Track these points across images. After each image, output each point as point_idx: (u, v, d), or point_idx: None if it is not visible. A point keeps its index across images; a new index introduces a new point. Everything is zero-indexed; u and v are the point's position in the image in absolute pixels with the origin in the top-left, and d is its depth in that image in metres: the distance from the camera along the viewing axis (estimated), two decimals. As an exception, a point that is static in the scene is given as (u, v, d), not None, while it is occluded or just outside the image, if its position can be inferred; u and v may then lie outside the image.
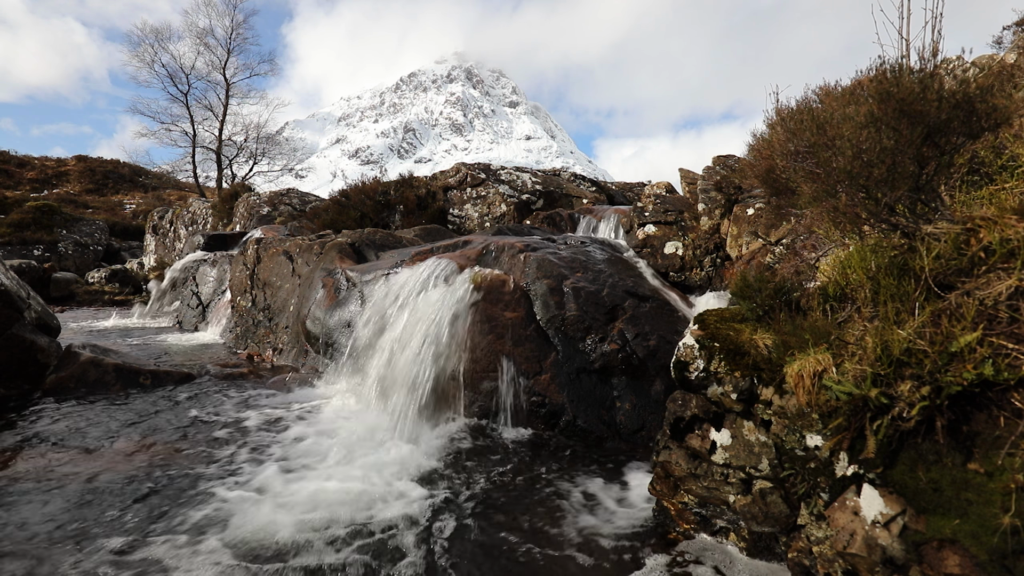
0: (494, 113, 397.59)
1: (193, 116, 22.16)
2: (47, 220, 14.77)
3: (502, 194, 8.46)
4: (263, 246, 6.91)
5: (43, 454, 3.01)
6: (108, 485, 2.67)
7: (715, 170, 5.32)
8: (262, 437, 3.37)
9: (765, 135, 2.87)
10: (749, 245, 4.38)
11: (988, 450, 1.38)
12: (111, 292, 11.36)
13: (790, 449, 1.92)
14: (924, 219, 1.86)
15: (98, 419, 3.60)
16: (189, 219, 13.35)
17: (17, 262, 10.49)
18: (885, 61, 1.91)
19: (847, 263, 2.04)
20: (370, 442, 3.29)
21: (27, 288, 4.48)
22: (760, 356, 2.07)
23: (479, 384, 3.69)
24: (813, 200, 2.12)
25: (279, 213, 10.96)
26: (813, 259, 2.75)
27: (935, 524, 1.42)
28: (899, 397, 1.52)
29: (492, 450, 3.24)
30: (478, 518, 2.45)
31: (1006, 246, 1.54)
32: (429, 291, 4.25)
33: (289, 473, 2.84)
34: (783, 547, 2.00)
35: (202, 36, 22.02)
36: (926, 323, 1.55)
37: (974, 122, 1.81)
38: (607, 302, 3.93)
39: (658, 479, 2.42)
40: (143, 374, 4.46)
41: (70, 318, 8.55)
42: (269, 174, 24.77)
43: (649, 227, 5.38)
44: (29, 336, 4.06)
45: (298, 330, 5.36)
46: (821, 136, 1.94)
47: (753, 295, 2.30)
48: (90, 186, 26.23)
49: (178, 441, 3.28)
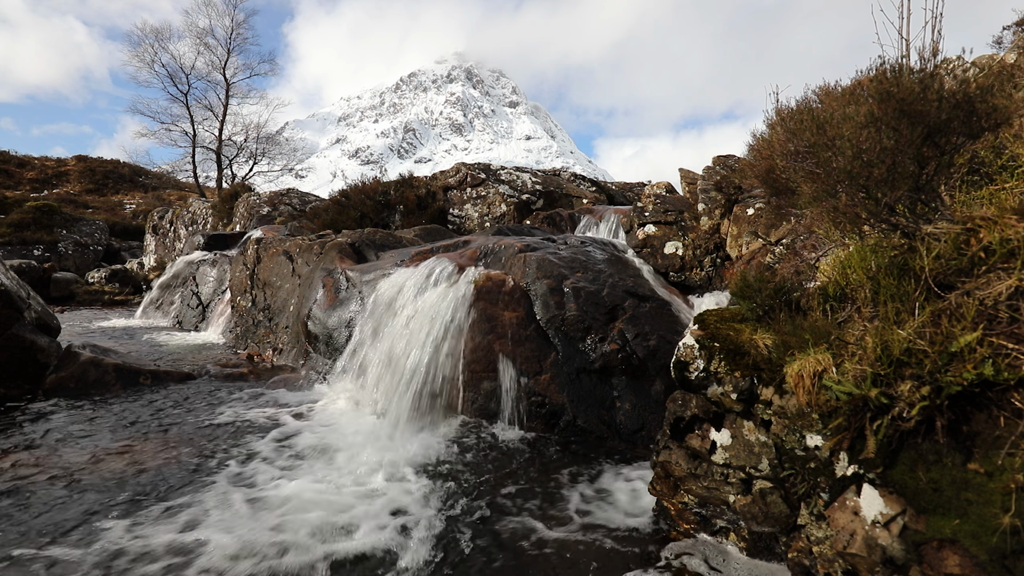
0: (494, 113, 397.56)
1: (193, 116, 22.21)
2: (47, 220, 14.76)
3: (502, 194, 8.46)
4: (263, 246, 6.91)
5: (41, 453, 3.01)
6: (105, 484, 2.66)
7: (715, 170, 5.32)
8: (261, 437, 3.37)
9: (765, 135, 2.87)
10: (749, 245, 4.38)
11: (988, 450, 1.38)
12: (111, 292, 11.36)
13: (790, 449, 1.92)
14: (924, 219, 1.86)
15: (97, 419, 3.60)
16: (189, 219, 13.35)
17: (17, 262, 10.48)
18: (885, 61, 1.91)
19: (847, 263, 2.04)
20: (370, 442, 3.29)
21: (27, 288, 4.49)
22: (760, 356, 2.07)
23: (479, 384, 3.69)
24: (813, 200, 2.12)
25: (279, 213, 10.95)
26: (813, 259, 2.75)
27: (935, 524, 1.42)
28: (899, 397, 1.52)
29: (492, 450, 3.24)
30: (478, 518, 2.45)
31: (1006, 246, 1.54)
32: (429, 291, 4.25)
33: (287, 473, 2.84)
34: (783, 547, 2.00)
35: (202, 36, 22.07)
36: (926, 323, 1.55)
37: (974, 122, 1.81)
38: (607, 302, 3.93)
39: (658, 479, 2.42)
40: (143, 374, 4.46)
41: (70, 318, 8.55)
42: (269, 174, 24.78)
43: (649, 227, 5.38)
44: (29, 336, 4.07)
45: (298, 330, 5.36)
46: (821, 136, 1.94)
47: (753, 295, 2.30)
48: (90, 186, 26.22)
49: (177, 440, 3.28)
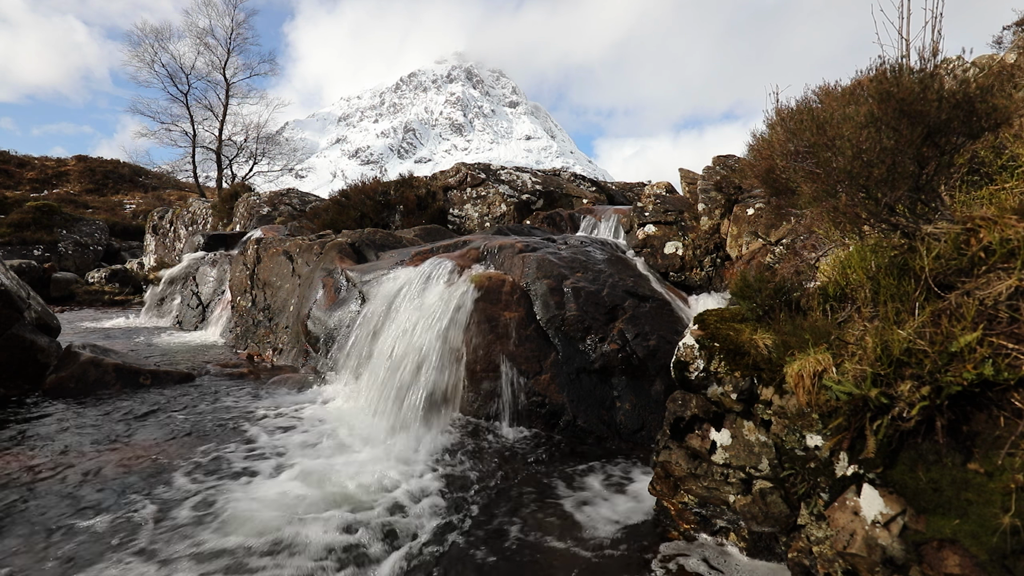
0: (494, 113, 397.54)
1: (193, 116, 22.20)
2: (47, 220, 14.76)
3: (502, 194, 8.46)
4: (263, 246, 6.91)
5: (40, 453, 3.01)
6: (103, 483, 2.66)
7: (715, 170, 5.32)
8: (261, 437, 3.37)
9: (765, 135, 2.87)
10: (749, 245, 4.38)
11: (988, 450, 1.38)
12: (111, 292, 11.36)
13: (790, 449, 1.92)
14: (924, 219, 1.86)
15: (97, 419, 3.60)
16: (189, 219, 13.35)
17: (17, 262, 10.48)
18: (885, 61, 1.91)
19: (847, 263, 2.04)
20: (369, 441, 3.29)
21: (27, 288, 4.48)
22: (760, 356, 2.07)
23: (479, 384, 3.69)
24: (813, 200, 2.12)
25: (279, 213, 10.95)
26: (813, 259, 2.75)
27: (935, 524, 1.42)
28: (899, 397, 1.52)
29: (492, 450, 3.24)
30: (477, 518, 2.45)
31: (1006, 246, 1.54)
32: (429, 291, 4.25)
33: (285, 472, 2.84)
34: (783, 547, 2.00)
35: (202, 36, 22.05)
36: (926, 323, 1.55)
37: (974, 122, 1.81)
38: (607, 302, 3.93)
39: (658, 479, 2.42)
40: (143, 374, 4.46)
41: (70, 318, 8.55)
42: (269, 174, 24.77)
43: (649, 227, 5.38)
44: (29, 336, 4.06)
45: (298, 330, 5.36)
46: (821, 136, 1.94)
47: (753, 295, 2.30)
48: (90, 186, 26.21)
49: (177, 440, 3.28)
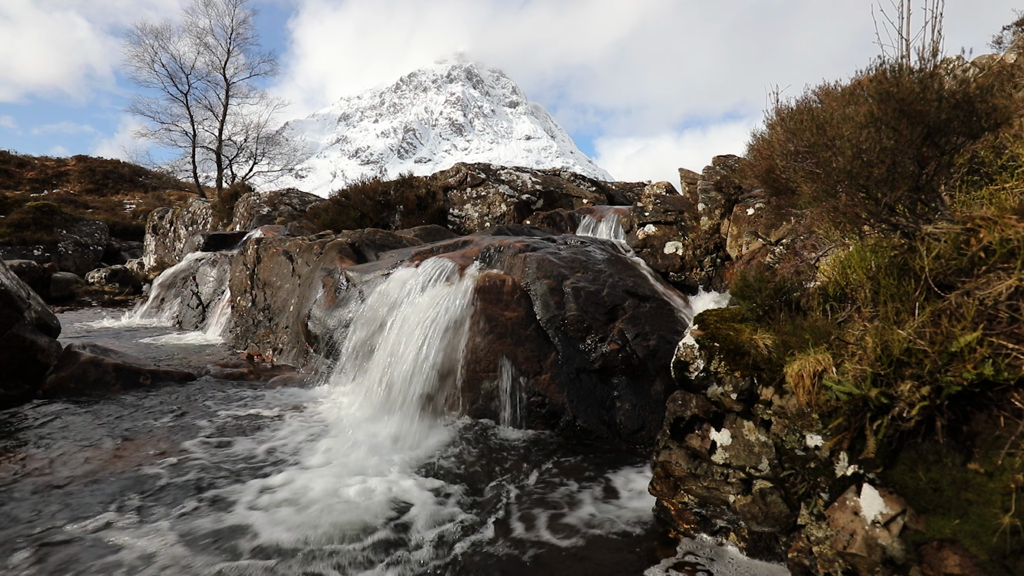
0: (494, 113, 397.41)
1: (193, 116, 22.16)
2: (47, 220, 14.76)
3: (502, 194, 8.46)
4: (263, 246, 6.91)
5: (40, 453, 3.01)
6: (103, 484, 2.66)
7: (715, 170, 5.31)
8: (261, 436, 3.37)
9: (765, 135, 2.87)
10: (749, 245, 4.38)
11: (988, 450, 1.38)
12: (111, 292, 11.36)
13: (790, 449, 1.92)
14: (924, 219, 1.86)
15: (97, 419, 3.60)
16: (189, 219, 13.35)
17: (17, 262, 10.48)
18: (885, 61, 1.90)
19: (847, 263, 2.04)
20: (370, 442, 3.29)
21: (27, 288, 4.48)
22: (760, 356, 2.07)
23: (479, 384, 3.69)
24: (813, 200, 2.12)
25: (279, 213, 10.95)
26: (813, 259, 2.75)
27: (935, 524, 1.42)
28: (899, 397, 1.52)
29: (492, 450, 3.24)
30: (476, 517, 2.45)
31: (1006, 246, 1.54)
32: (429, 291, 4.25)
33: (285, 472, 2.84)
34: (783, 547, 2.00)
35: (202, 35, 22.04)
36: (926, 323, 1.55)
37: (974, 122, 1.80)
38: (607, 302, 3.93)
39: (658, 479, 2.42)
40: (143, 374, 4.46)
41: (70, 318, 8.55)
42: (269, 174, 24.75)
43: (649, 227, 5.38)
44: (29, 336, 4.06)
45: (298, 330, 5.36)
46: (821, 136, 1.93)
47: (753, 295, 2.30)
48: (90, 186, 26.21)
49: (176, 440, 3.27)
